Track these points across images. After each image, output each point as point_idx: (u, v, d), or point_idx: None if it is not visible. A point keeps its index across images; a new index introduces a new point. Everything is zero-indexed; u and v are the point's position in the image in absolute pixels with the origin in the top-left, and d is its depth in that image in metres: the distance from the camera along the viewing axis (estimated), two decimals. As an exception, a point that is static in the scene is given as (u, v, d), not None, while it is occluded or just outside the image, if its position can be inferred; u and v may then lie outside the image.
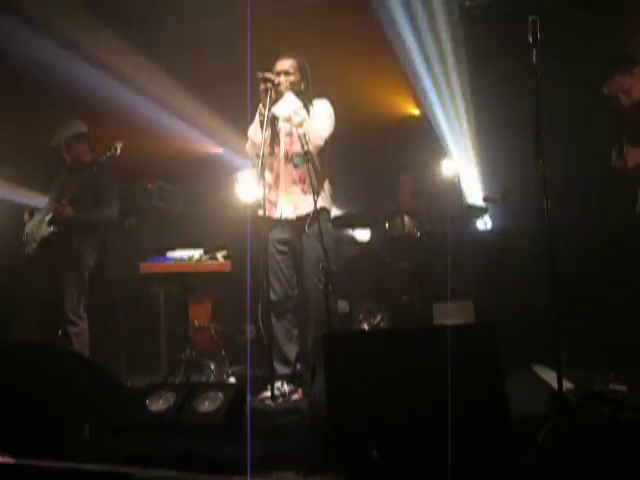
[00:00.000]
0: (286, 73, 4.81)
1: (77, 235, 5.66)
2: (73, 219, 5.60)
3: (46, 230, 5.66)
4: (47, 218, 5.66)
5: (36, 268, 5.84)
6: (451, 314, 5.52)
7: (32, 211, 5.97)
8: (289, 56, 4.91)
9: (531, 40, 3.47)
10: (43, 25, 6.47)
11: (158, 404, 3.63)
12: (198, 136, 7.66)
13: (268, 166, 4.85)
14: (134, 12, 6.87)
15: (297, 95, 4.77)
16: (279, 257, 4.88)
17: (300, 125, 4.68)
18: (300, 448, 3.21)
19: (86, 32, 6.73)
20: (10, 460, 3.11)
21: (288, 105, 4.70)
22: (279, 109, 4.71)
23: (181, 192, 7.33)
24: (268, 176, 4.83)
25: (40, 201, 6.25)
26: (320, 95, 4.93)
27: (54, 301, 5.70)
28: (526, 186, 4.70)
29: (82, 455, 3.08)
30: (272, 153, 4.89)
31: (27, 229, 5.85)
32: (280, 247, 4.88)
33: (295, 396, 4.65)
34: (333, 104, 4.92)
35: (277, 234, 4.87)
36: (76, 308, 5.62)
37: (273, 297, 4.73)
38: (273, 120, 4.79)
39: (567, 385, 3.45)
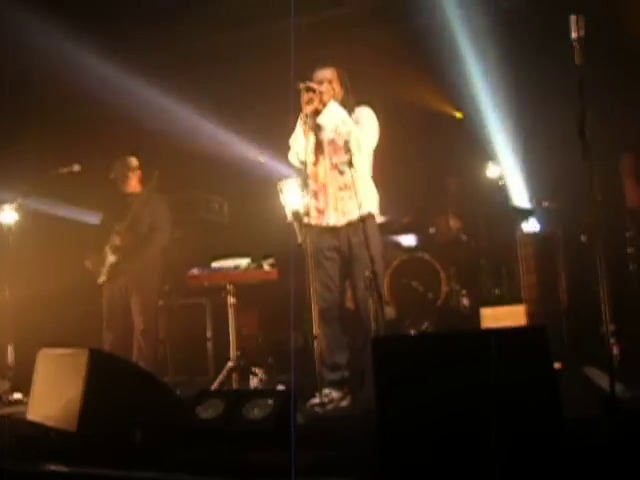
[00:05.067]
0: (328, 82, 4.82)
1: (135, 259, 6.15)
2: (130, 245, 6.10)
3: (112, 257, 6.17)
4: (107, 247, 6.20)
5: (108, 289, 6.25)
6: (500, 319, 5.45)
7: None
8: (328, 65, 4.91)
9: (574, 38, 3.43)
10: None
11: (208, 412, 3.64)
12: (242, 146, 7.72)
13: (312, 175, 4.84)
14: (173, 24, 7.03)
15: (340, 103, 4.77)
16: (328, 264, 4.85)
17: (347, 134, 4.67)
18: (350, 455, 3.21)
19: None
20: (64, 468, 3.17)
21: (334, 114, 4.69)
22: (325, 119, 4.70)
23: (227, 203, 7.39)
24: (312, 184, 4.83)
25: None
26: (362, 101, 4.93)
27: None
28: (573, 187, 4.63)
29: (133, 462, 3.12)
30: (316, 162, 4.88)
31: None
32: (329, 254, 4.86)
33: (344, 402, 4.66)
34: (375, 109, 4.90)
35: (326, 241, 4.86)
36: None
37: (322, 304, 4.70)
38: (316, 129, 4.80)
39: (619, 388, 3.39)
